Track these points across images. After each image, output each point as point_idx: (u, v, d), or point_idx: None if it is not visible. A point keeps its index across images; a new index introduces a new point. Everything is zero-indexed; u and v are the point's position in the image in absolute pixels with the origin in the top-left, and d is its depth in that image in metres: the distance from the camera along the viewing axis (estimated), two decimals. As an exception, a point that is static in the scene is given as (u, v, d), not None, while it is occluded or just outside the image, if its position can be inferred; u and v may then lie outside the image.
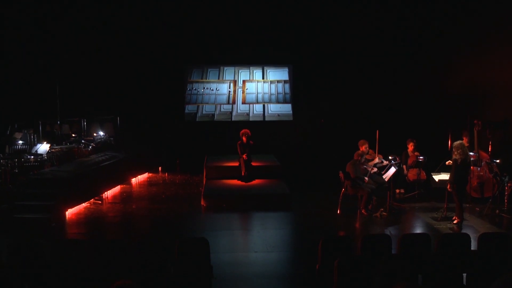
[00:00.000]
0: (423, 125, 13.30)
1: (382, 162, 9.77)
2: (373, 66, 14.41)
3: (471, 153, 9.07)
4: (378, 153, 9.97)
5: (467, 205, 9.55)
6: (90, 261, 5.12)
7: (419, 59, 13.92)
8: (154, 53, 14.43)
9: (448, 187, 8.50)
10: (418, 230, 8.31)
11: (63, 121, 13.40)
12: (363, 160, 9.24)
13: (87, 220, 9.00)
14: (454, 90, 12.94)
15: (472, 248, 5.50)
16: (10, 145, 11.58)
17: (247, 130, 11.42)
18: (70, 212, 9.31)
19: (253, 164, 11.43)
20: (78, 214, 9.40)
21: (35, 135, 12.21)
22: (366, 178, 9.22)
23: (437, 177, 9.67)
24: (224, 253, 7.07)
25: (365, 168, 9.37)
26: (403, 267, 4.49)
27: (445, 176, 9.25)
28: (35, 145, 11.51)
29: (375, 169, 9.53)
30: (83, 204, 9.92)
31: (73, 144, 12.58)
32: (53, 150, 11.56)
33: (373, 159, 9.85)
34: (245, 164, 11.10)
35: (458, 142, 8.46)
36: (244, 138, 11.27)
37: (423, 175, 10.43)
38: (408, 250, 5.28)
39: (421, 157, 10.29)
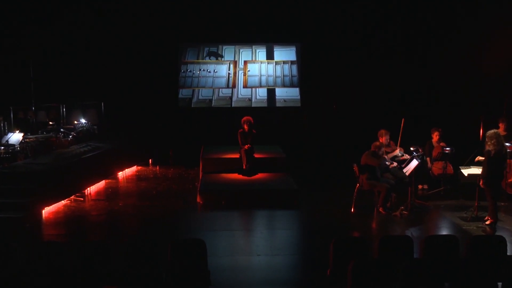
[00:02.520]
0: (450, 111, 13.21)
1: (402, 155, 9.72)
2: (394, 43, 14.29)
3: (507, 144, 9.00)
4: (400, 146, 9.90)
5: (502, 203, 9.50)
6: (70, 266, 5.12)
7: (449, 34, 13.74)
8: (143, 30, 14.34)
9: (479, 182, 8.45)
10: (444, 232, 8.30)
11: (39, 107, 13.37)
12: (381, 152, 9.19)
13: (67, 220, 9.01)
14: (488, 70, 12.76)
15: (508, 253, 5.47)
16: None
17: (249, 118, 11.41)
18: (47, 211, 9.32)
19: (256, 156, 11.42)
20: (56, 213, 9.40)
21: (6, 123, 12.19)
22: (389, 163, 9.15)
23: (466, 171, 9.60)
24: (223, 256, 7.08)
25: (383, 162, 9.29)
26: (426, 273, 4.47)
27: (476, 170, 9.19)
28: (6, 134, 11.50)
29: (395, 164, 9.48)
30: (62, 201, 9.92)
31: (51, 133, 12.54)
32: (27, 140, 11.54)
33: (392, 152, 9.79)
34: (246, 155, 11.09)
35: (492, 131, 8.38)
36: (245, 127, 11.27)
37: (450, 168, 10.38)
38: (432, 254, 5.27)
39: (447, 148, 10.24)
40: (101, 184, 11.61)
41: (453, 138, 10.79)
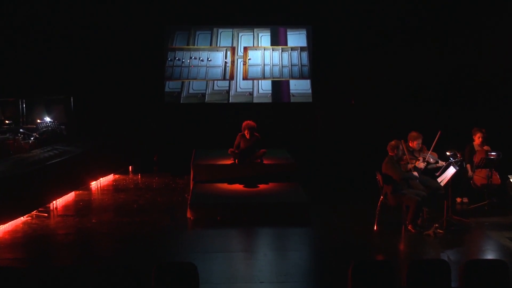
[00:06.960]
0: (495, 107, 13.17)
1: (436, 162, 9.67)
2: (426, 27, 14.28)
3: None
4: (432, 151, 9.84)
5: None
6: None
7: (495, 15, 13.65)
8: (122, 10, 14.37)
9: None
10: (490, 256, 8.26)
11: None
12: (400, 154, 9.10)
13: (27, 240, 8.97)
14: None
15: None
16: None
17: (252, 123, 11.37)
18: (2, 230, 9.28)
19: (258, 161, 11.50)
20: (13, 231, 9.36)
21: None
22: (416, 172, 9.06)
23: (516, 181, 9.62)
24: (219, 283, 7.08)
25: (409, 165, 9.20)
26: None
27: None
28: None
29: (423, 165, 9.36)
30: (21, 218, 9.88)
31: (7, 135, 12.55)
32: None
33: (423, 161, 9.74)
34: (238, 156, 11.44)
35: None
36: (246, 133, 11.30)
37: (496, 178, 10.36)
38: (474, 282, 5.24)
39: (492, 153, 10.22)
40: (70, 196, 11.59)
41: (500, 140, 10.76)
